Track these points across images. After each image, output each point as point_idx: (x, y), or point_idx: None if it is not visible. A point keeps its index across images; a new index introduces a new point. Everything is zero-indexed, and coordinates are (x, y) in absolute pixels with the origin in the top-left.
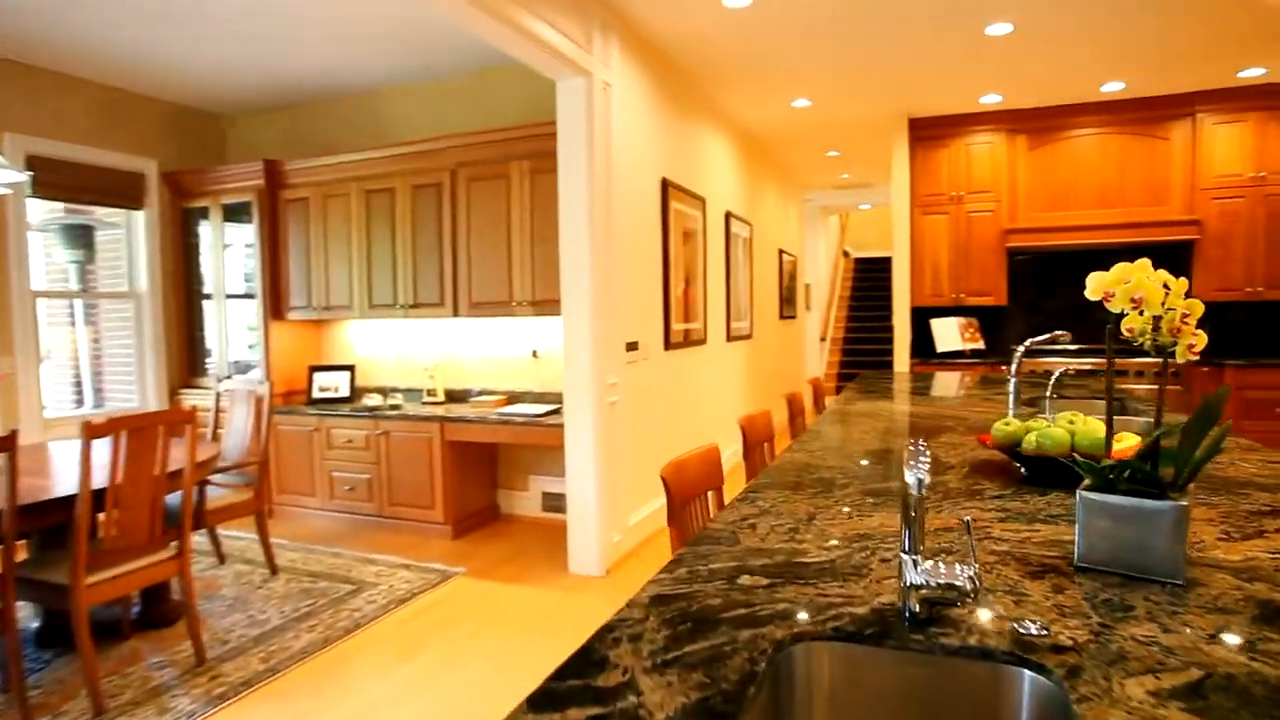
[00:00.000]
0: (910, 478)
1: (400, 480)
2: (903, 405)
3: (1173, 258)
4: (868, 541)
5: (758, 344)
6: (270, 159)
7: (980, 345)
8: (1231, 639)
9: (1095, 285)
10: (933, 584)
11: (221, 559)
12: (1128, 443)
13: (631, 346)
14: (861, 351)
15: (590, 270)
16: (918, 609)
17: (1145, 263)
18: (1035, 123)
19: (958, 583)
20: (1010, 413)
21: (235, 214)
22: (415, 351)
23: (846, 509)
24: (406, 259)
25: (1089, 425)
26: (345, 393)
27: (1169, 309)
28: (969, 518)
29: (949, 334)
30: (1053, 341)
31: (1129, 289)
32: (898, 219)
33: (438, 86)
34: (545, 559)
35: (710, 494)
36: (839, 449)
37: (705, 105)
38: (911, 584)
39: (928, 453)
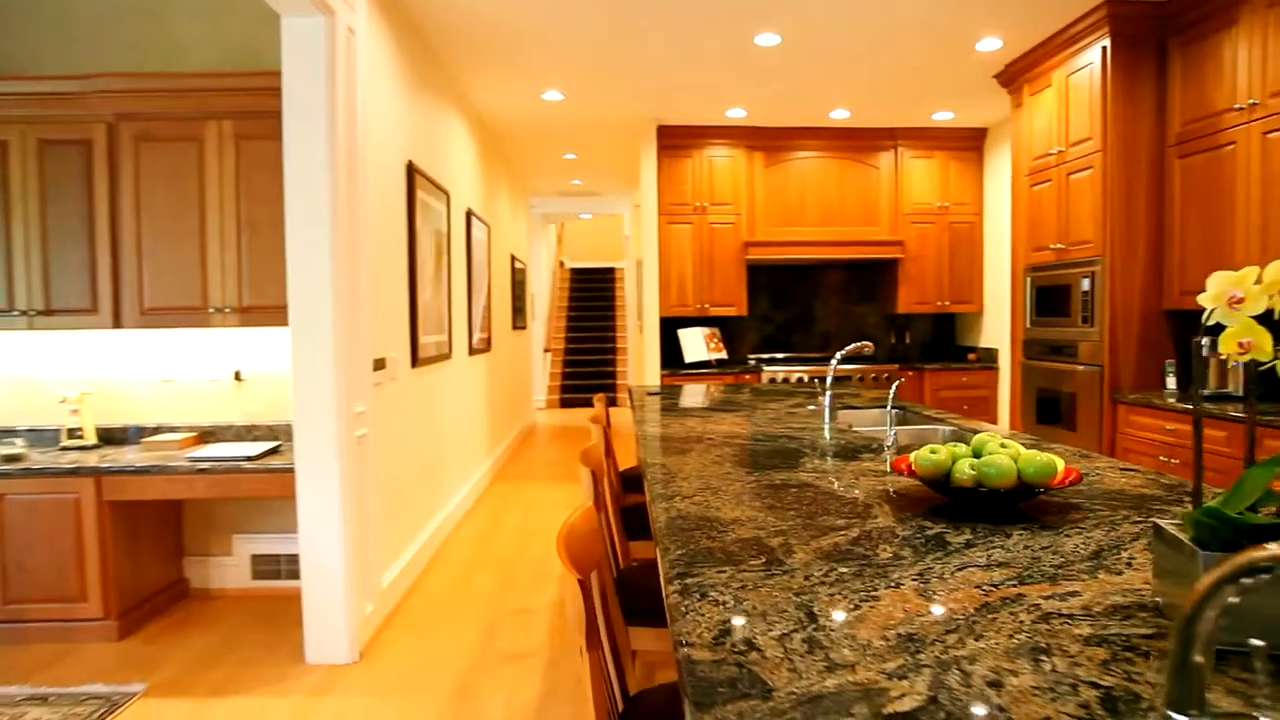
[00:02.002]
0: None
1: (24, 564)
2: (719, 425)
3: (883, 273)
4: (928, 648)
5: (496, 356)
6: None
7: (724, 355)
8: None
9: (1220, 287)
10: None
11: None
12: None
13: (379, 365)
14: (583, 363)
15: (332, 269)
16: None
17: None
18: (770, 140)
19: None
20: (827, 424)
21: None
22: (46, 376)
23: (833, 589)
24: (30, 245)
25: (1022, 451)
26: None
27: None
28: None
29: (696, 344)
30: (857, 352)
31: None
32: (647, 227)
33: (88, 4)
34: (268, 648)
35: (594, 574)
36: (716, 490)
37: (449, 86)
38: None
39: None
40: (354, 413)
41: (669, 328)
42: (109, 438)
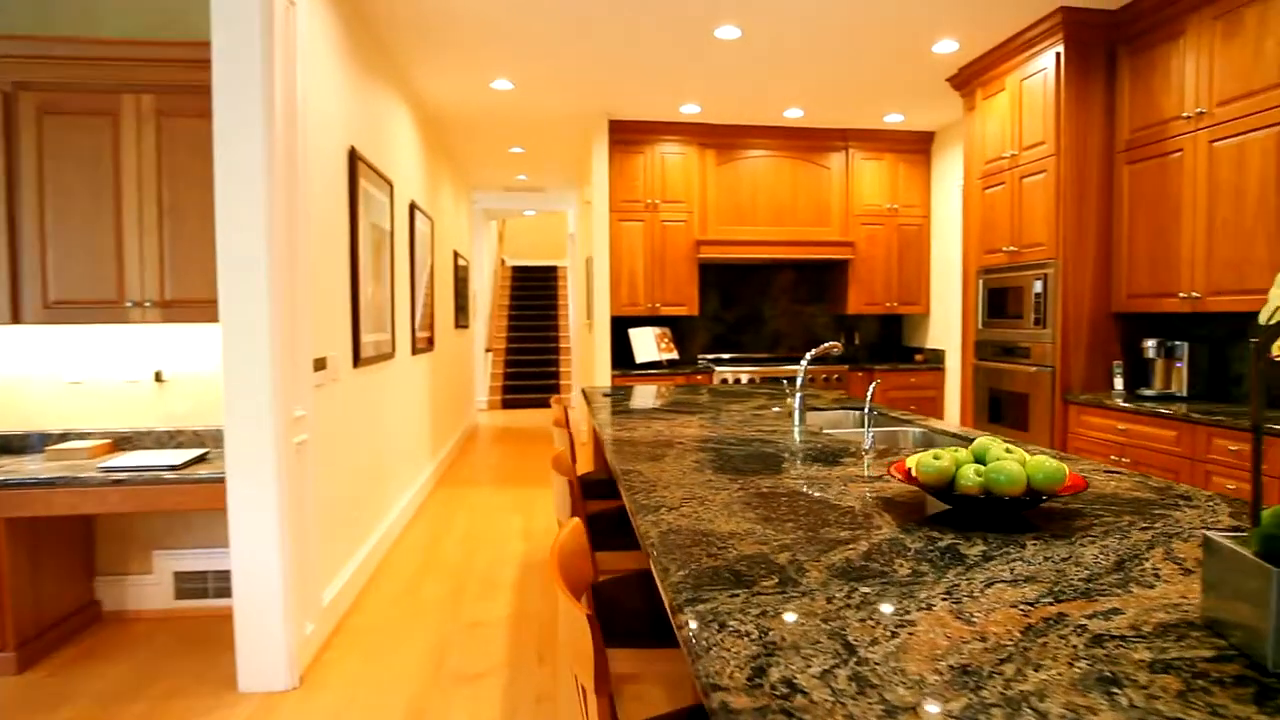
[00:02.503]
0: None
1: None
2: (686, 428)
3: (832, 274)
4: (988, 682)
5: (439, 356)
6: None
7: (675, 355)
8: None
9: None
10: None
11: None
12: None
13: (320, 365)
14: (526, 363)
15: (268, 259)
16: None
17: None
18: (723, 138)
19: None
20: (797, 427)
21: None
22: None
23: (862, 613)
24: None
25: (1028, 456)
26: None
27: None
28: None
29: (647, 344)
30: (825, 353)
31: None
32: (598, 224)
33: None
34: (195, 676)
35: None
36: (703, 500)
37: (394, 72)
38: None
39: None
40: (293, 417)
41: (618, 327)
42: (7, 446)
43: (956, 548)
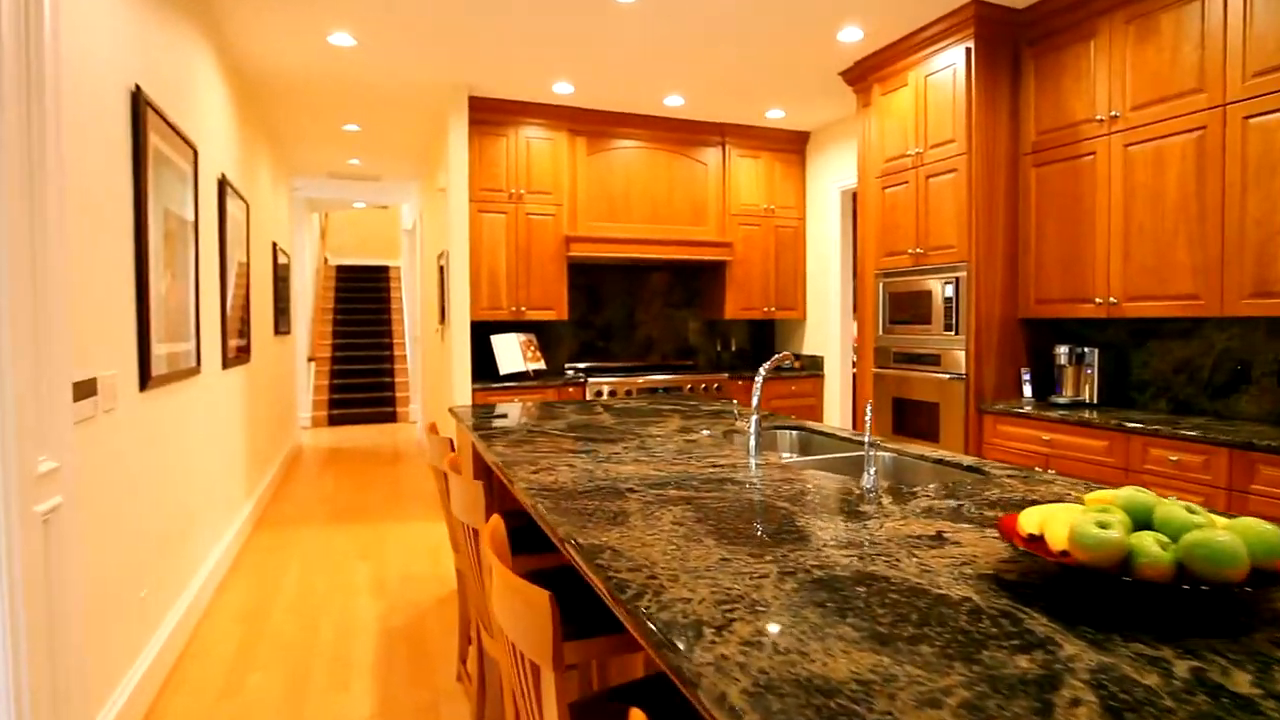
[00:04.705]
0: None
1: None
2: (621, 465)
3: (707, 277)
4: None
5: (256, 369)
6: None
7: (542, 365)
8: None
9: None
10: None
11: None
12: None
13: (86, 390)
14: (355, 373)
15: None
16: None
17: None
18: (595, 125)
19: None
20: (754, 457)
21: None
22: None
23: None
24: None
25: (1219, 520)
26: None
27: None
28: None
29: (512, 353)
30: (777, 365)
31: None
32: (456, 215)
33: None
34: None
35: None
36: (749, 602)
37: (200, 10)
38: None
39: None
40: (35, 474)
41: (478, 334)
42: None
43: (1206, 677)
